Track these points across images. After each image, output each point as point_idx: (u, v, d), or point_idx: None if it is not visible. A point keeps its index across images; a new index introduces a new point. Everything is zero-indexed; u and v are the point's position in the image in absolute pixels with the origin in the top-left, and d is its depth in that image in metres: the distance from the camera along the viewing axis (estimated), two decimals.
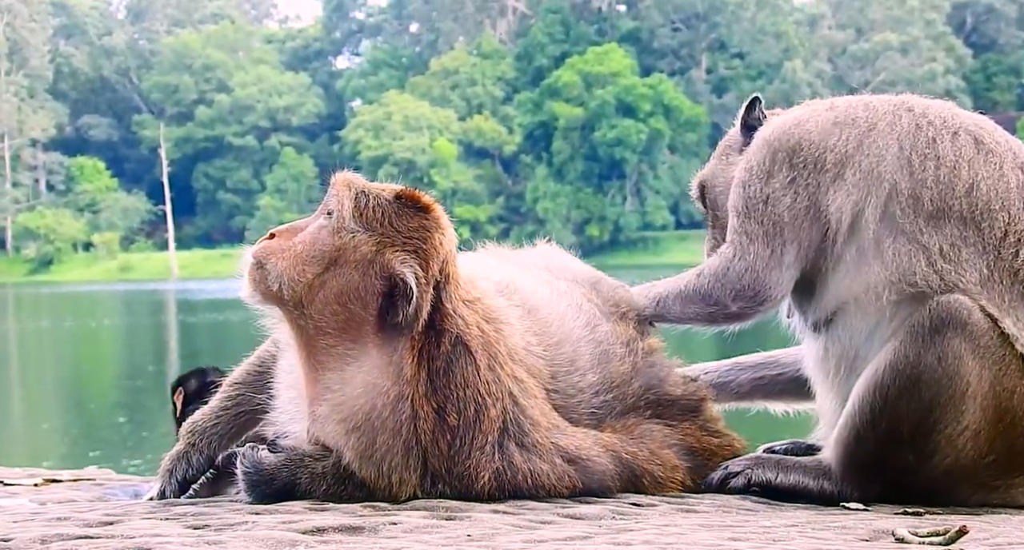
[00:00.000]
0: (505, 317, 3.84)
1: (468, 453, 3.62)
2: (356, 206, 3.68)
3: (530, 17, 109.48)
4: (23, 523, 3.33)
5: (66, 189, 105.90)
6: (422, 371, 3.61)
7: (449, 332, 3.65)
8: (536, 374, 3.84)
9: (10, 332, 46.78)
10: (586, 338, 4.05)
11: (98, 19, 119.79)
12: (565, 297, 4.14)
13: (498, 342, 3.73)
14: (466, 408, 3.61)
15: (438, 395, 3.61)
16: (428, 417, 3.60)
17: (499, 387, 3.67)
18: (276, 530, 3.11)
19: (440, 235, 3.68)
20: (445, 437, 3.61)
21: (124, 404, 25.19)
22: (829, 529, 3.30)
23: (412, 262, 3.62)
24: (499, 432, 3.66)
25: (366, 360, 3.64)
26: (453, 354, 3.63)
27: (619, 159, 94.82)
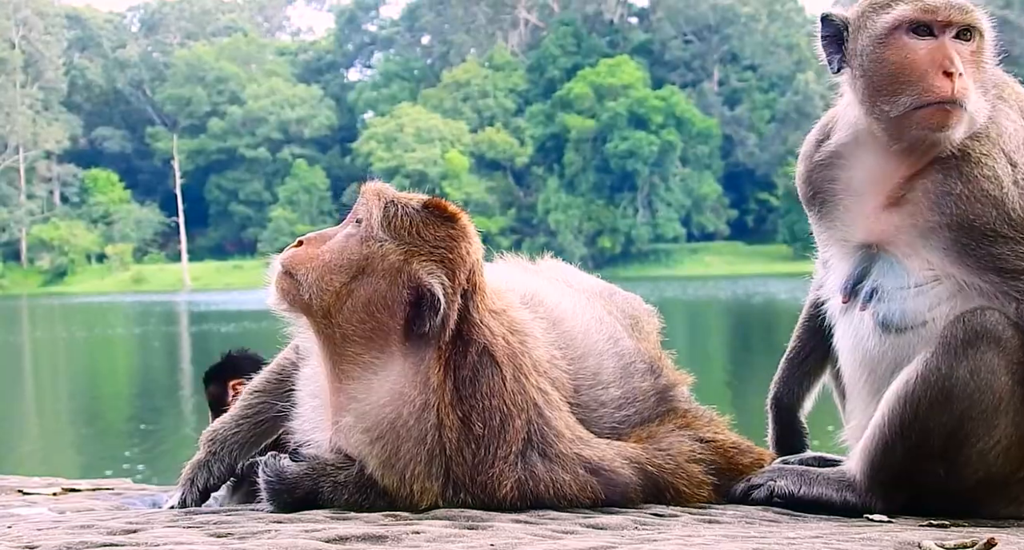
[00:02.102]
0: (530, 329, 3.83)
1: (492, 462, 3.61)
2: (385, 215, 3.69)
3: (542, 29, 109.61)
4: (47, 531, 3.33)
5: (80, 201, 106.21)
6: (448, 380, 3.61)
7: (476, 342, 3.65)
8: (560, 387, 3.84)
9: (24, 343, 46.89)
10: (609, 352, 4.05)
11: (112, 32, 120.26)
12: (587, 310, 4.13)
13: (523, 354, 3.72)
14: (491, 418, 3.61)
15: (464, 405, 3.61)
16: (453, 426, 3.60)
17: (524, 398, 3.66)
18: (299, 538, 3.11)
19: (467, 244, 3.69)
20: (470, 446, 3.60)
21: (138, 414, 25.22)
22: (854, 541, 3.28)
23: (439, 272, 3.62)
24: (523, 442, 3.65)
25: (392, 369, 3.64)
26: (479, 364, 3.63)
27: (631, 171, 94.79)
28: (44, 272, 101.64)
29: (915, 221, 3.84)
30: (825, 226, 4.11)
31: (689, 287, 62.09)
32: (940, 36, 3.80)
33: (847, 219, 4.03)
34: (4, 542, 3.10)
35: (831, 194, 4.07)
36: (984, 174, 3.76)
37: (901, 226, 3.87)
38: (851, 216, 4.02)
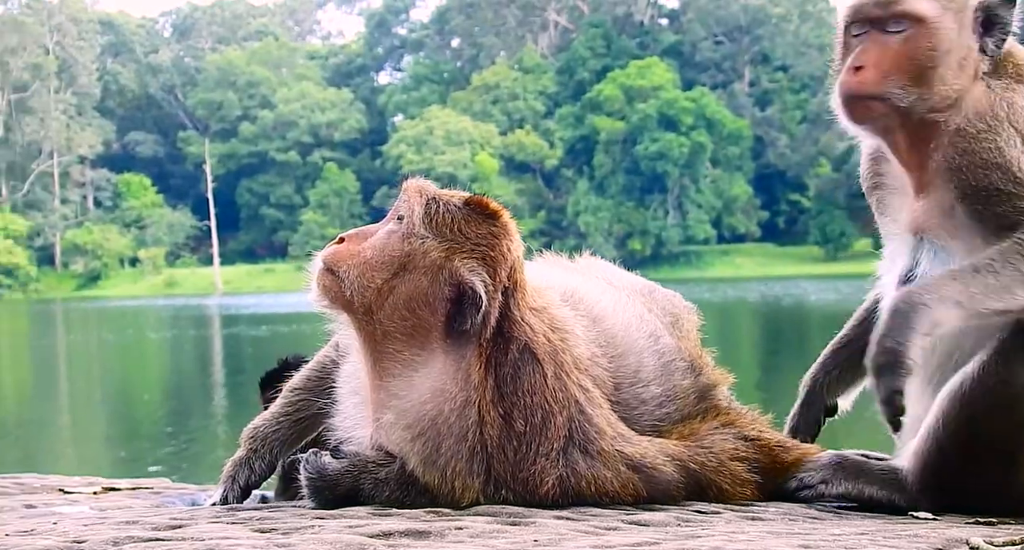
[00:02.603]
0: (571, 327, 3.83)
1: (533, 459, 3.61)
2: (427, 212, 3.70)
3: (572, 31, 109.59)
4: (93, 526, 3.35)
5: (113, 205, 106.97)
6: (489, 377, 3.61)
7: (517, 339, 3.65)
8: (601, 385, 3.84)
9: (59, 346, 47.25)
10: (650, 349, 4.04)
11: (145, 37, 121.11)
12: (628, 307, 4.13)
13: (564, 351, 3.72)
14: (533, 415, 3.61)
15: (505, 401, 3.61)
16: (495, 423, 3.60)
17: (565, 396, 3.66)
18: (344, 534, 3.12)
19: (508, 242, 3.69)
20: (511, 443, 3.60)
21: (171, 416, 25.36)
22: (901, 537, 3.26)
23: (480, 269, 3.63)
24: (565, 439, 3.65)
25: (433, 366, 3.64)
26: (520, 361, 3.63)
27: (661, 173, 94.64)
28: (78, 276, 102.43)
29: (940, 205, 3.86)
30: (881, 220, 4.13)
31: (720, 289, 61.94)
32: (869, 32, 3.91)
33: (895, 211, 4.05)
34: (52, 537, 3.13)
35: (882, 187, 4.11)
36: (984, 146, 3.77)
37: (932, 212, 3.88)
38: (897, 207, 4.04)
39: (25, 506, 4.03)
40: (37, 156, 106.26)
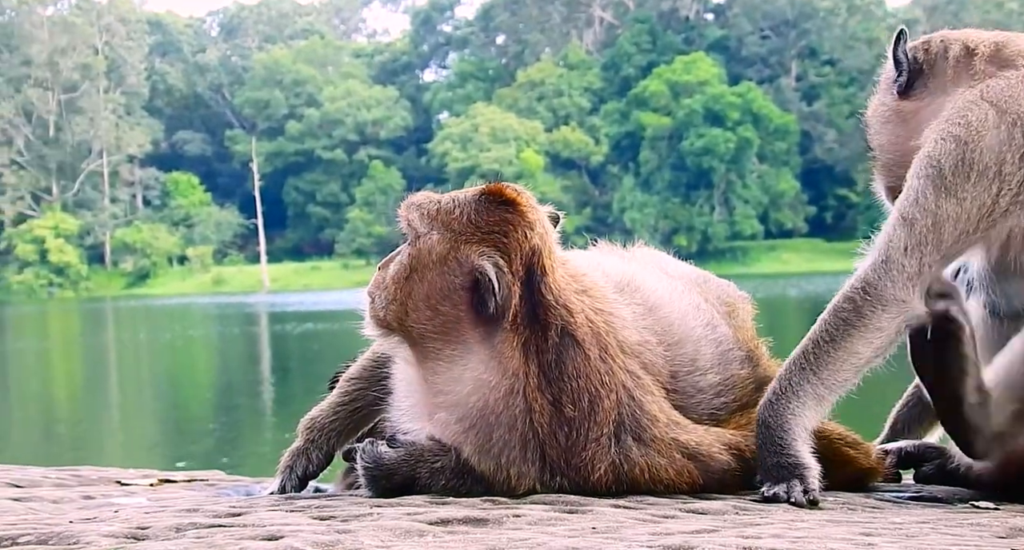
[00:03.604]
0: (616, 309, 3.83)
1: (584, 445, 3.62)
2: (424, 214, 3.74)
3: (617, 27, 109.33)
4: (154, 514, 3.39)
5: (161, 204, 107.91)
6: (532, 365, 3.61)
7: (554, 324, 3.64)
8: (654, 371, 3.82)
9: (109, 344, 47.73)
10: (707, 338, 4.03)
11: (192, 37, 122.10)
12: (684, 296, 4.12)
13: (608, 333, 3.72)
14: (580, 399, 3.61)
15: (552, 387, 3.61)
16: (544, 410, 3.60)
17: (612, 379, 3.66)
18: (402, 521, 3.13)
19: (525, 229, 3.66)
20: (562, 429, 3.61)
21: (220, 411, 25.55)
22: (963, 526, 3.23)
23: (492, 253, 3.62)
24: (615, 424, 3.65)
25: (471, 358, 3.66)
26: (561, 346, 3.63)
27: (707, 168, 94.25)
28: (127, 274, 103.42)
29: None
30: None
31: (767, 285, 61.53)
32: None
33: None
34: (116, 523, 3.16)
35: None
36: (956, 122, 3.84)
37: None
38: None
39: (83, 497, 4.07)
40: (87, 156, 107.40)
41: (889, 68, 4.27)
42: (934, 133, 3.83)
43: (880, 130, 4.20)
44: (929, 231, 3.72)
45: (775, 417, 3.68)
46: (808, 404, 3.70)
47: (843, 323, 3.73)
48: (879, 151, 4.21)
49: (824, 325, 3.76)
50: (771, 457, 3.66)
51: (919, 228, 3.72)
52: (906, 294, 3.71)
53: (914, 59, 4.19)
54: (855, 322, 3.72)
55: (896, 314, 3.71)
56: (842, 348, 3.71)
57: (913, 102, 4.13)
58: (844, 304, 3.76)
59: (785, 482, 3.62)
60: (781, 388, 3.73)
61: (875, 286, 3.74)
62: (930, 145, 3.80)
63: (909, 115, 4.12)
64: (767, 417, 3.70)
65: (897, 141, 4.12)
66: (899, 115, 4.16)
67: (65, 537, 2.96)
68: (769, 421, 3.69)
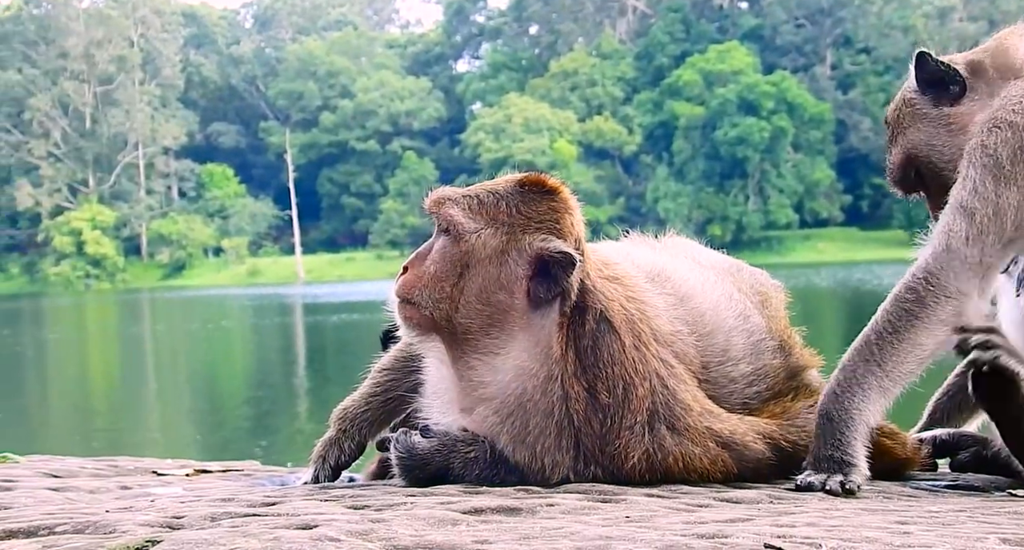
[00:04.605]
0: (648, 298, 3.83)
1: (618, 433, 3.62)
2: (468, 209, 3.73)
3: (650, 16, 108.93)
4: (190, 503, 3.41)
5: (197, 196, 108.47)
6: (570, 350, 3.63)
7: (592, 308, 3.66)
8: (686, 361, 3.82)
9: (146, 335, 48.07)
10: (739, 328, 4.02)
11: (226, 28, 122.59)
12: (716, 286, 4.11)
13: (642, 321, 3.73)
14: (615, 386, 3.62)
15: (588, 374, 3.62)
16: (579, 397, 3.61)
17: (646, 367, 3.67)
18: (436, 510, 3.14)
19: (570, 216, 3.72)
20: (597, 416, 3.62)
21: (255, 402, 25.69)
22: (1000, 514, 3.22)
23: (553, 239, 3.65)
24: (648, 413, 3.64)
25: (514, 346, 3.67)
26: (598, 331, 3.65)
27: (741, 158, 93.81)
28: (163, 266, 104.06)
29: None
30: None
31: (802, 274, 61.24)
32: None
33: None
34: (152, 513, 3.18)
35: None
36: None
37: None
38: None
39: (120, 487, 4.10)
40: (123, 148, 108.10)
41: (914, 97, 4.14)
42: (986, 124, 3.81)
43: (930, 138, 4.08)
44: (990, 220, 3.69)
45: (839, 411, 3.67)
46: (872, 397, 3.69)
47: (906, 314, 3.71)
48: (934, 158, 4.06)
49: (887, 316, 3.73)
50: (825, 449, 3.66)
51: (980, 218, 3.70)
52: (969, 286, 3.69)
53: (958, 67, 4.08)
54: (918, 313, 3.70)
55: (957, 308, 3.69)
56: (906, 340, 3.69)
57: (964, 105, 4.04)
58: (907, 294, 3.73)
59: (826, 473, 3.61)
60: (845, 380, 3.70)
61: (937, 276, 3.71)
62: (984, 135, 3.78)
63: (961, 118, 4.03)
64: (831, 409, 3.68)
65: (949, 145, 4.03)
66: (948, 120, 4.06)
67: (101, 526, 2.99)
68: (832, 414, 3.67)
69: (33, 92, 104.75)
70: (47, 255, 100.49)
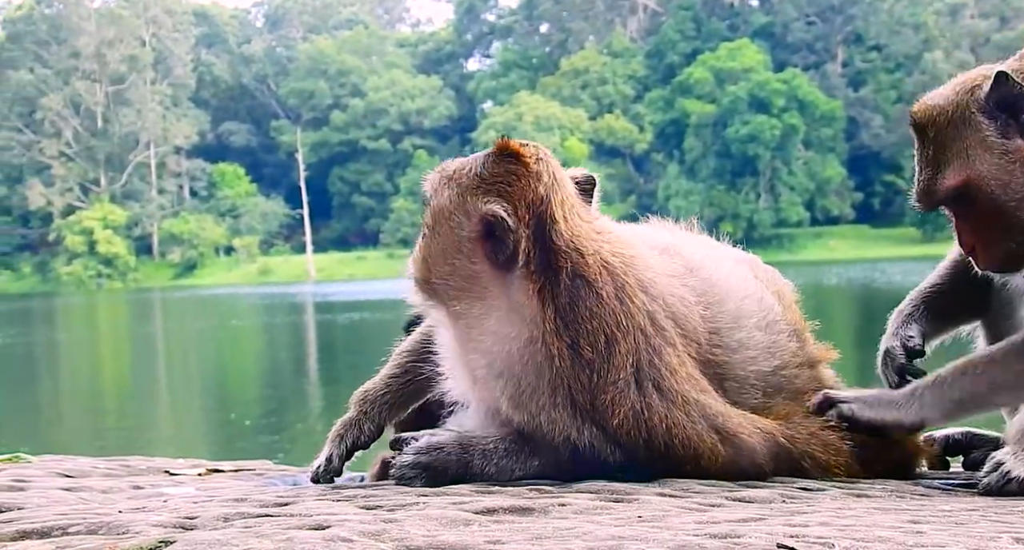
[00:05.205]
0: (637, 253, 3.85)
1: (605, 386, 3.64)
2: (438, 176, 3.87)
3: (661, 14, 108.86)
4: (203, 504, 3.42)
5: (208, 195, 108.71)
6: (548, 310, 3.65)
7: (564, 268, 3.68)
8: (687, 328, 3.81)
9: (158, 334, 48.19)
10: (753, 298, 4.04)
11: (238, 28, 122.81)
12: (731, 264, 4.14)
13: (625, 273, 3.74)
14: (596, 340, 3.64)
15: (569, 331, 3.64)
16: (564, 354, 3.64)
17: (629, 321, 3.68)
18: (448, 510, 3.14)
19: (531, 180, 3.73)
20: (584, 370, 3.64)
21: (266, 400, 25.74)
22: (1013, 513, 3.21)
23: (499, 200, 3.70)
24: (633, 368, 3.66)
25: (495, 311, 3.72)
26: (573, 288, 3.67)
27: (752, 155, 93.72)
28: (175, 265, 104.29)
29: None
30: None
31: (813, 272, 61.20)
32: None
33: None
34: (164, 513, 3.19)
35: None
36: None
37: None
38: None
39: (133, 487, 4.11)
40: (134, 147, 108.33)
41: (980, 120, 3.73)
42: None
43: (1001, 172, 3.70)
44: None
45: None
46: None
47: None
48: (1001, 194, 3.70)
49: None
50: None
51: None
52: None
53: None
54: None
55: None
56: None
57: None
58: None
59: None
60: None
61: None
62: None
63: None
64: None
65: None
66: (1021, 155, 3.71)
67: (114, 527, 2.99)
68: None
69: (45, 92, 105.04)
70: (59, 254, 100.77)
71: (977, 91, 3.71)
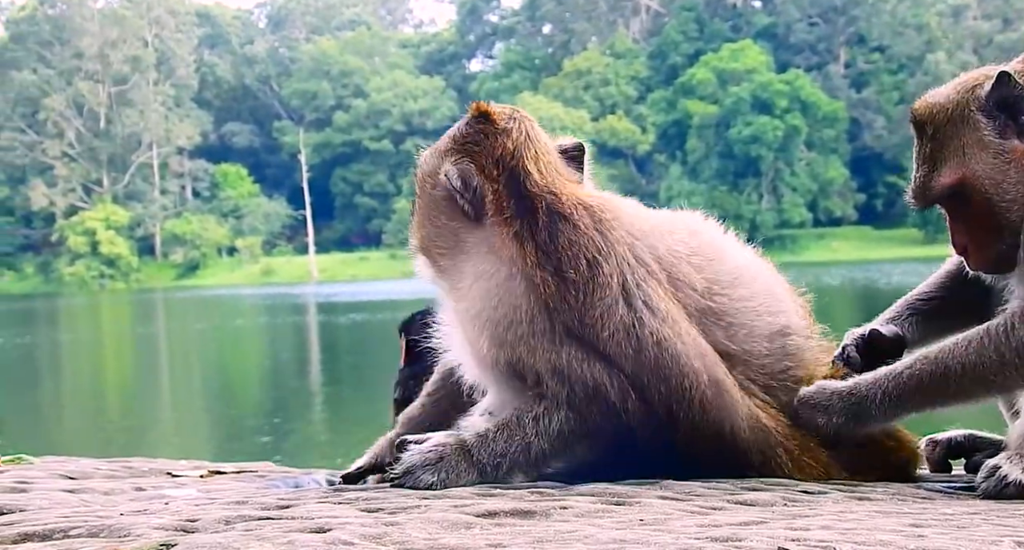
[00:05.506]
0: (622, 205, 3.96)
1: (593, 303, 3.69)
2: (431, 147, 4.05)
3: (664, 15, 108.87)
4: (204, 507, 3.42)
5: (211, 195, 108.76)
6: (527, 247, 3.74)
7: (540, 208, 3.78)
8: (671, 269, 3.85)
9: (160, 334, 48.22)
10: (754, 267, 4.07)
11: (240, 28, 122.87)
12: (735, 241, 4.16)
13: (602, 210, 3.83)
14: (579, 263, 3.72)
15: (551, 260, 3.73)
16: (548, 281, 3.71)
17: (610, 248, 3.75)
18: (450, 513, 3.14)
19: (499, 136, 3.88)
20: (570, 292, 3.70)
21: (269, 401, 25.76)
22: (1015, 517, 3.21)
23: (464, 160, 3.85)
24: (620, 288, 3.72)
25: (472, 259, 3.83)
26: (551, 223, 3.76)
27: (755, 156, 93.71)
28: (177, 266, 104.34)
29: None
30: None
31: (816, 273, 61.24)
32: None
33: None
34: (165, 516, 3.19)
35: None
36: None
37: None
38: None
39: (135, 488, 4.11)
40: (137, 148, 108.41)
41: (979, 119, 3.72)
42: None
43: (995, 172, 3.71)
44: None
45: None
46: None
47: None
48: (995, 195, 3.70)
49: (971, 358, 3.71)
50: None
51: None
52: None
53: None
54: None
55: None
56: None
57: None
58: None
59: None
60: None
61: None
62: None
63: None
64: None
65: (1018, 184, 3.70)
66: (1016, 156, 3.71)
67: (116, 529, 3.00)
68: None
69: (48, 92, 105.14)
70: (61, 255, 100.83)
71: (978, 90, 3.73)
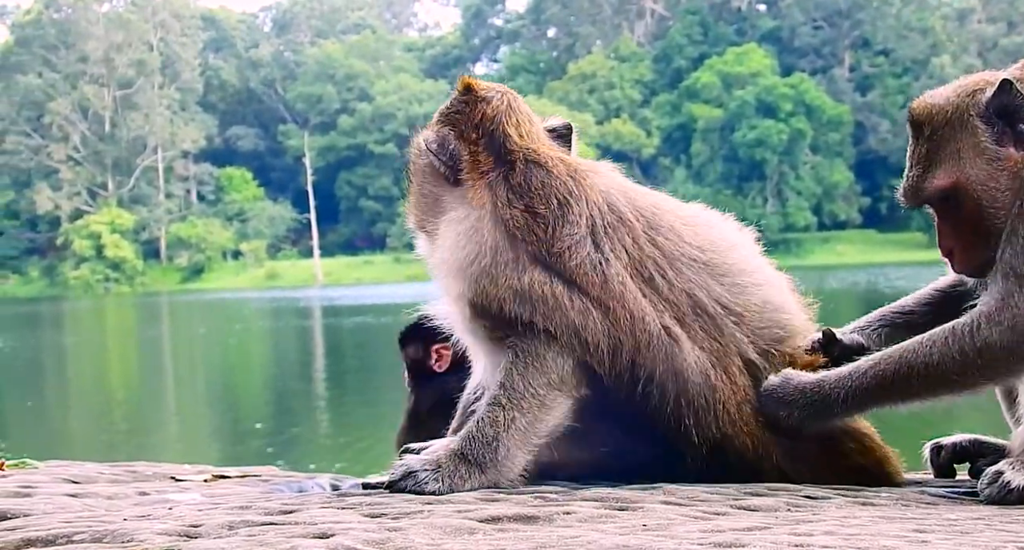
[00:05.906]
0: (603, 165, 4.09)
1: (561, 236, 3.78)
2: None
3: (668, 19, 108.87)
4: (207, 511, 3.42)
5: (216, 199, 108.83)
6: (500, 190, 3.84)
7: (519, 160, 3.90)
8: (652, 221, 3.93)
9: (165, 338, 48.25)
10: (750, 240, 4.21)
11: (245, 32, 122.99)
12: (736, 227, 4.26)
13: (579, 164, 3.96)
14: (550, 202, 3.81)
15: (523, 198, 3.83)
16: (517, 216, 3.80)
17: (583, 193, 3.84)
18: (453, 518, 3.14)
19: (479, 103, 4.01)
20: (539, 224, 3.79)
21: (273, 405, 25.75)
22: (1018, 522, 3.20)
23: (445, 129, 4.00)
24: (589, 229, 3.80)
25: (454, 214, 3.92)
26: (527, 170, 3.89)
27: (759, 160, 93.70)
28: (182, 269, 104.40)
29: None
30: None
31: (821, 276, 61.17)
32: None
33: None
34: (169, 521, 3.19)
35: None
36: None
37: None
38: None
39: (139, 493, 4.11)
40: (142, 151, 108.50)
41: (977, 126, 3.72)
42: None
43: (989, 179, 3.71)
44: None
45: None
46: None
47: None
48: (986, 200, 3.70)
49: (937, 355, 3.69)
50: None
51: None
52: None
53: None
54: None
55: None
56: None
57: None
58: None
59: None
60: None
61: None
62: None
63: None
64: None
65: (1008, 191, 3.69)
66: (1009, 164, 3.70)
67: (119, 535, 3.00)
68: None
69: (53, 96, 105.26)
70: (67, 258, 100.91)
71: (978, 95, 3.72)
